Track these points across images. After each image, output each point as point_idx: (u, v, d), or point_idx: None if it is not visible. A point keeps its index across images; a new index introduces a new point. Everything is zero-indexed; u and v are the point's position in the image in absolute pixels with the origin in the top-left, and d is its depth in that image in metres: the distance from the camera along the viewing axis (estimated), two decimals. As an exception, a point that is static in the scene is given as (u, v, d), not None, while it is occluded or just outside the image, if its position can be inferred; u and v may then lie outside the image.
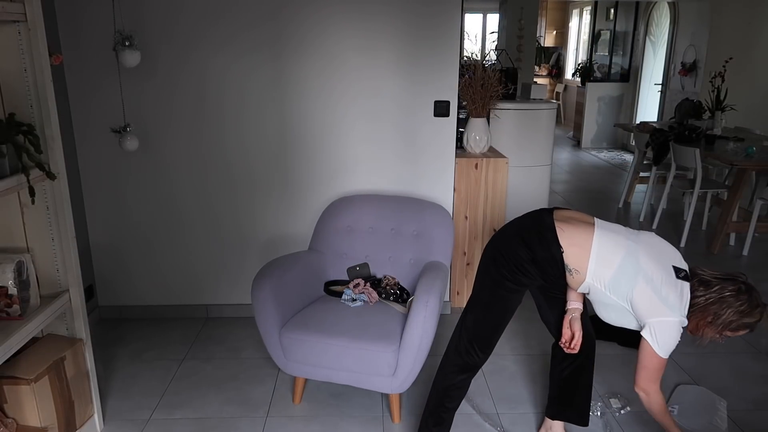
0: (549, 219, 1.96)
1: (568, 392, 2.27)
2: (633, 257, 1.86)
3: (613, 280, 1.86)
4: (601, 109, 9.32)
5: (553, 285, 2.08)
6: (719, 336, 1.87)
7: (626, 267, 1.85)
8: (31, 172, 1.91)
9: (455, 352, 2.11)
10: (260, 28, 2.99)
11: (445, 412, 2.18)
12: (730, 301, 1.81)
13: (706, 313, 1.84)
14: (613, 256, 1.87)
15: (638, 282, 1.83)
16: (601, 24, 9.85)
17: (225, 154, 3.17)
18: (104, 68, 2.97)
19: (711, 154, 4.62)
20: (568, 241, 1.91)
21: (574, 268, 1.91)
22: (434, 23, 3.02)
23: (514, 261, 1.96)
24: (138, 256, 3.30)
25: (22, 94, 1.97)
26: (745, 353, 3.05)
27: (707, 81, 5.92)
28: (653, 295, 1.82)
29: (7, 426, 2.00)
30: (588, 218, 2.00)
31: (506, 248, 1.99)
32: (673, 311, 1.81)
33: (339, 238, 2.86)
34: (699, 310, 1.84)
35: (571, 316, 2.08)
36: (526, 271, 1.96)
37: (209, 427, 2.44)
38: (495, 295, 2.03)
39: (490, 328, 2.07)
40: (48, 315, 2.07)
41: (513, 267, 1.97)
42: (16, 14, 1.86)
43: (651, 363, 1.89)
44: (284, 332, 2.42)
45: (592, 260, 1.88)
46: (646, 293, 1.83)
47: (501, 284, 2.00)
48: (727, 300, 1.81)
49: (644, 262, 1.85)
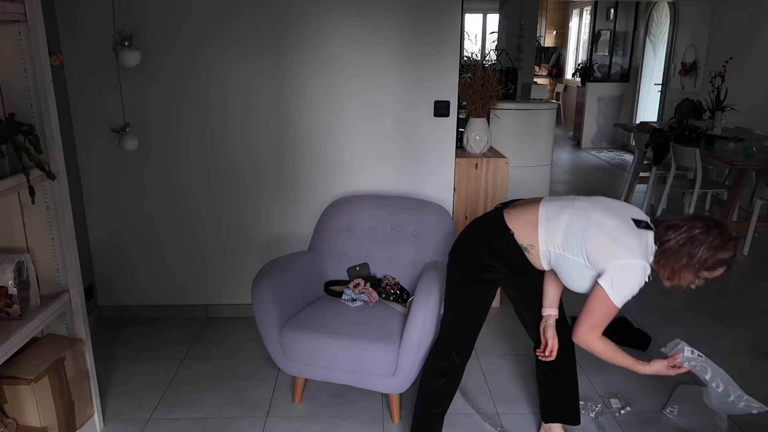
0: (498, 210, 2.02)
1: (555, 394, 2.29)
2: (581, 213, 1.85)
3: (564, 238, 1.84)
4: (601, 109, 9.32)
5: (525, 281, 2.10)
6: (697, 279, 1.78)
7: (575, 222, 1.84)
8: (31, 172, 1.91)
9: (434, 357, 2.16)
10: (262, 29, 2.99)
11: (431, 418, 2.19)
12: (701, 238, 1.73)
13: (680, 255, 1.75)
14: (560, 219, 1.87)
15: (589, 230, 1.80)
16: (601, 24, 9.84)
17: (225, 155, 3.17)
18: (104, 68, 2.97)
19: (711, 154, 4.62)
20: (516, 222, 1.93)
21: (528, 245, 1.91)
22: (434, 23, 3.02)
23: (474, 259, 1.98)
24: (138, 256, 3.30)
25: (22, 94, 1.97)
26: (745, 353, 3.05)
27: (707, 81, 5.92)
28: (607, 240, 1.78)
29: (7, 426, 2.00)
30: (537, 199, 2.01)
31: (465, 248, 2.03)
32: (634, 254, 1.75)
33: (339, 238, 2.86)
34: (672, 254, 1.76)
35: (545, 323, 2.11)
36: (489, 266, 1.97)
37: (209, 427, 2.44)
38: (463, 298, 2.06)
39: (464, 331, 2.10)
40: (48, 315, 2.07)
41: (475, 265, 1.98)
42: (16, 14, 1.86)
43: (600, 309, 1.81)
44: (284, 332, 2.42)
45: (540, 229, 1.88)
46: (598, 239, 1.79)
47: (466, 286, 2.03)
48: (698, 237, 1.73)
49: (594, 214, 1.83)
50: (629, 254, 1.76)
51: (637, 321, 3.37)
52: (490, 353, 2.99)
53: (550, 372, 2.25)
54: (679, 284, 1.81)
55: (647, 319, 3.40)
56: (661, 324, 3.35)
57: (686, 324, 3.36)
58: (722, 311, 3.54)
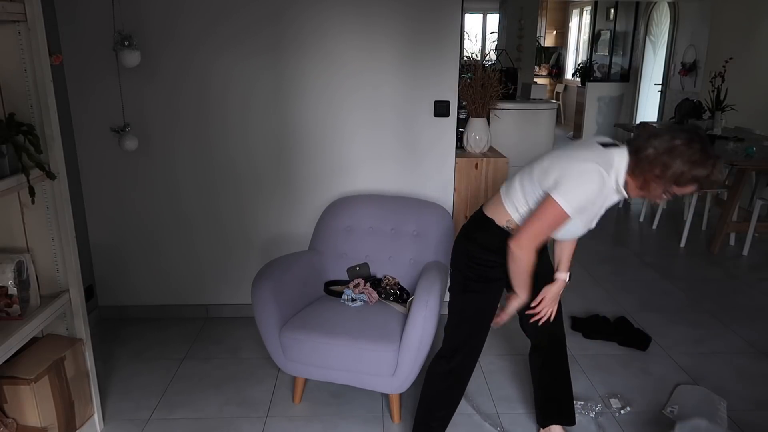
0: (479, 208, 2.05)
1: (550, 399, 2.28)
2: (528, 166, 1.91)
3: (523, 195, 1.87)
4: (601, 109, 9.32)
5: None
6: (665, 194, 1.73)
7: (525, 176, 1.89)
8: (31, 172, 1.91)
9: (439, 360, 2.12)
10: (261, 29, 2.99)
11: (433, 420, 2.17)
12: (681, 150, 1.65)
13: (655, 165, 1.68)
14: (514, 182, 1.92)
15: (536, 169, 1.84)
16: (601, 24, 9.84)
17: (225, 154, 3.17)
18: (104, 68, 2.97)
19: (711, 154, 4.61)
20: (492, 210, 1.97)
21: (506, 222, 1.92)
22: (434, 23, 3.02)
23: (471, 257, 1.99)
24: (138, 256, 3.30)
25: (22, 94, 1.97)
26: (745, 353, 3.05)
27: (707, 81, 5.91)
28: (562, 154, 1.81)
29: (7, 426, 2.00)
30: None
31: (461, 250, 2.05)
32: (586, 161, 1.74)
33: (339, 238, 2.86)
34: (648, 163, 1.69)
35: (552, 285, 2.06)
36: (486, 261, 1.97)
37: (209, 427, 2.44)
38: (466, 300, 2.06)
39: (469, 334, 2.08)
40: (48, 315, 2.07)
41: (473, 264, 1.99)
42: (16, 14, 1.86)
43: (547, 215, 1.75)
44: (284, 332, 2.42)
45: (506, 202, 1.92)
46: (553, 159, 1.82)
47: (467, 287, 2.03)
48: (678, 149, 1.65)
49: (541, 159, 1.87)
50: (584, 161, 1.74)
51: (637, 321, 3.37)
52: (490, 353, 2.99)
53: (545, 377, 2.25)
54: (648, 196, 1.77)
55: (647, 319, 3.40)
56: (661, 324, 3.35)
57: (686, 324, 3.37)
58: (722, 311, 3.54)
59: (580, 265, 4.25)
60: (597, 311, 3.49)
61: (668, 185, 1.70)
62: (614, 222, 5.56)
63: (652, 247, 4.83)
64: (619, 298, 3.71)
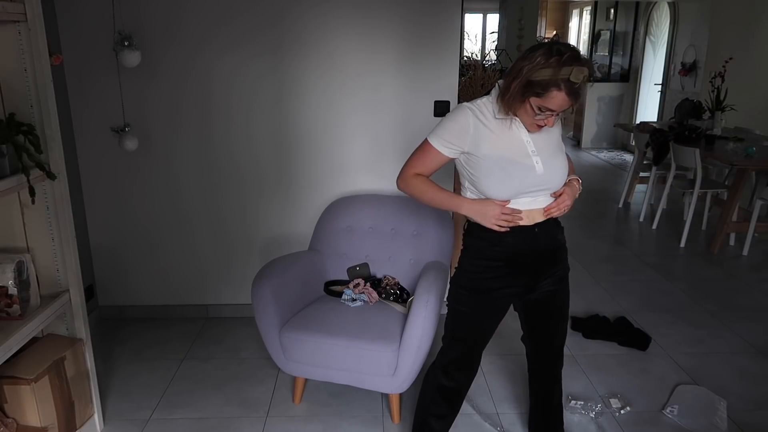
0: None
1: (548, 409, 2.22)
2: None
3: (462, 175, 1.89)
4: (601, 109, 9.32)
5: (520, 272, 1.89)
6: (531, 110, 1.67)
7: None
8: (31, 172, 1.91)
9: (433, 371, 2.05)
10: (261, 30, 2.99)
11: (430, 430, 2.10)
12: (534, 55, 1.61)
13: (512, 73, 1.67)
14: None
15: None
16: (601, 24, 9.84)
17: (225, 154, 3.17)
18: (104, 68, 2.97)
19: (711, 154, 4.62)
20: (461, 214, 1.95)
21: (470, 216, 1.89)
22: (434, 23, 3.02)
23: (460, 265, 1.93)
24: (138, 256, 3.30)
25: (22, 94, 1.97)
26: (745, 353, 3.05)
27: (707, 81, 5.91)
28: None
29: (7, 426, 2.00)
30: None
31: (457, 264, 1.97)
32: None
33: (339, 238, 2.86)
34: (508, 74, 1.69)
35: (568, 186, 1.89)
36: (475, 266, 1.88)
37: (209, 427, 2.44)
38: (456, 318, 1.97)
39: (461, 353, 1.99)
40: (48, 315, 2.07)
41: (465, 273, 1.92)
42: (16, 14, 1.86)
43: (417, 149, 1.89)
44: (284, 332, 2.42)
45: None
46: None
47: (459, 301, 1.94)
48: (532, 55, 1.62)
49: None
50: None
51: (637, 321, 3.37)
52: (490, 353, 2.98)
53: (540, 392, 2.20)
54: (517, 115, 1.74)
55: (647, 319, 3.40)
56: (661, 324, 3.35)
57: (686, 324, 3.37)
58: (722, 311, 3.54)
59: (580, 265, 4.25)
60: (597, 311, 3.49)
61: (528, 95, 1.65)
62: (614, 222, 5.56)
63: (652, 247, 4.83)
64: (619, 298, 3.71)
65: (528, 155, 1.77)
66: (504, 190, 1.78)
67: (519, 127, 1.78)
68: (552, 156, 1.81)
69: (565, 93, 1.61)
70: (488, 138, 1.77)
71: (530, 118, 1.72)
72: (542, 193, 1.83)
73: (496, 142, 1.77)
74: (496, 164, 1.77)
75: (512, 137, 1.78)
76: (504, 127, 1.78)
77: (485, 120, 1.78)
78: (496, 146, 1.77)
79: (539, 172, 1.78)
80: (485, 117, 1.78)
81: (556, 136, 1.85)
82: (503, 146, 1.77)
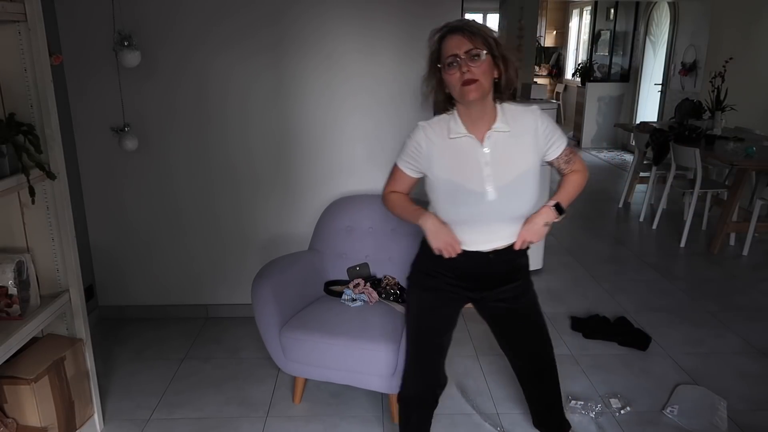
0: None
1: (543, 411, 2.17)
2: None
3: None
4: (601, 109, 9.32)
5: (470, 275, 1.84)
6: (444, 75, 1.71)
7: None
8: (31, 172, 1.91)
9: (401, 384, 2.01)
10: (261, 30, 2.99)
11: None
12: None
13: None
14: None
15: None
16: (601, 24, 9.84)
17: (225, 154, 3.17)
18: (104, 68, 2.97)
19: (711, 154, 4.62)
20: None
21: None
22: (434, 23, 3.00)
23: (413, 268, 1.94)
24: (138, 256, 3.30)
25: (22, 94, 1.97)
26: (745, 353, 3.05)
27: (707, 81, 5.91)
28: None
29: (7, 426, 2.00)
30: None
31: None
32: None
33: (339, 238, 2.86)
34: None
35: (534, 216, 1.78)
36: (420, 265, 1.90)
37: (209, 427, 2.44)
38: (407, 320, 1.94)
39: (409, 360, 1.94)
40: (48, 315, 2.07)
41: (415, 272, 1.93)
42: (16, 14, 1.86)
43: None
44: (284, 332, 2.42)
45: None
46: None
47: (410, 299, 1.92)
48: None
49: None
50: None
51: (637, 321, 3.37)
52: (490, 353, 2.99)
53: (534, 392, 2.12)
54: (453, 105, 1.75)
55: (647, 319, 3.40)
56: (661, 324, 3.35)
57: (686, 324, 3.37)
58: (722, 311, 3.54)
59: (580, 265, 4.25)
60: (597, 311, 3.49)
61: (433, 70, 1.76)
62: (614, 222, 5.56)
63: (652, 247, 4.83)
64: (619, 298, 3.71)
65: (481, 181, 1.68)
66: (453, 214, 1.74)
67: (476, 149, 1.69)
68: (513, 183, 1.69)
69: (453, 32, 1.65)
70: (438, 159, 1.73)
71: (456, 85, 1.64)
72: (498, 222, 1.74)
73: (447, 163, 1.71)
74: (444, 187, 1.73)
75: (466, 159, 1.70)
76: (458, 147, 1.71)
77: (436, 138, 1.73)
78: (445, 168, 1.72)
79: (490, 199, 1.68)
80: (437, 135, 1.73)
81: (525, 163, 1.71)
82: (454, 168, 1.71)
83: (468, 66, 1.60)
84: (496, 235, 1.76)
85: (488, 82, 1.65)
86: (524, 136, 1.71)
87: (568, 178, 1.86)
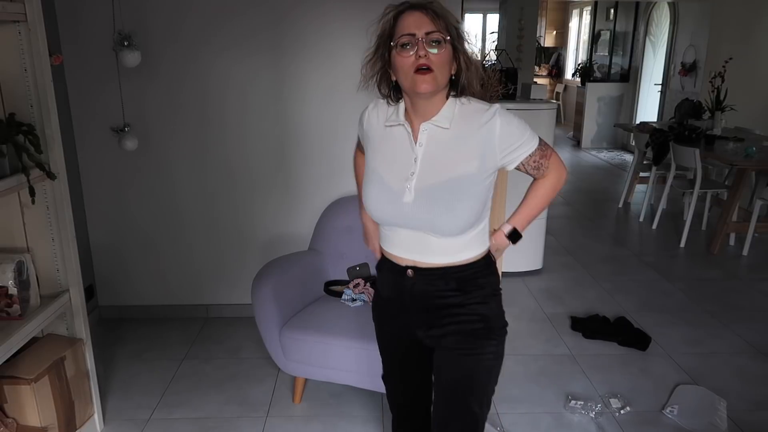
0: None
1: None
2: None
3: None
4: (601, 109, 9.32)
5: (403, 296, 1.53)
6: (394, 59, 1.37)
7: None
8: (31, 172, 1.91)
9: None
10: (261, 29, 2.99)
11: None
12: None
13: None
14: None
15: None
16: (601, 24, 9.85)
17: (225, 154, 3.17)
18: (104, 68, 2.97)
19: (711, 154, 4.62)
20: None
21: None
22: (434, 23, 3.02)
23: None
24: (138, 256, 3.30)
25: (22, 94, 1.97)
26: (745, 353, 3.05)
27: (707, 81, 5.91)
28: None
29: (7, 426, 2.00)
30: None
31: None
32: None
33: (339, 238, 2.86)
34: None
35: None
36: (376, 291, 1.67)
37: (209, 427, 2.44)
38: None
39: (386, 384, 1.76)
40: (48, 315, 2.07)
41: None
42: (16, 14, 1.86)
43: None
44: (284, 332, 2.42)
45: None
46: None
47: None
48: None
49: None
50: None
51: (637, 321, 3.37)
52: (490, 353, 2.98)
53: None
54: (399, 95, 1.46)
55: (647, 319, 3.40)
56: (661, 324, 3.35)
57: (686, 324, 3.37)
58: (722, 311, 3.54)
59: (580, 265, 4.25)
60: (597, 311, 3.49)
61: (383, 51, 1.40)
62: (614, 222, 5.56)
63: (652, 247, 4.83)
64: (619, 298, 3.71)
65: (402, 178, 1.43)
66: (373, 210, 1.49)
67: (409, 141, 1.45)
68: (438, 188, 1.40)
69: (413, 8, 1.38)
70: (371, 144, 1.53)
71: (408, 72, 1.35)
72: (421, 233, 1.44)
73: (377, 151, 1.51)
74: (369, 177, 1.50)
75: (395, 151, 1.46)
76: (390, 137, 1.48)
77: (375, 122, 1.53)
78: (375, 157, 1.51)
79: (406, 200, 1.41)
80: (377, 119, 1.52)
81: (462, 170, 1.41)
82: (382, 159, 1.49)
83: (426, 51, 1.34)
84: (418, 247, 1.46)
85: (444, 77, 1.38)
86: (470, 139, 1.41)
87: (534, 188, 1.60)
